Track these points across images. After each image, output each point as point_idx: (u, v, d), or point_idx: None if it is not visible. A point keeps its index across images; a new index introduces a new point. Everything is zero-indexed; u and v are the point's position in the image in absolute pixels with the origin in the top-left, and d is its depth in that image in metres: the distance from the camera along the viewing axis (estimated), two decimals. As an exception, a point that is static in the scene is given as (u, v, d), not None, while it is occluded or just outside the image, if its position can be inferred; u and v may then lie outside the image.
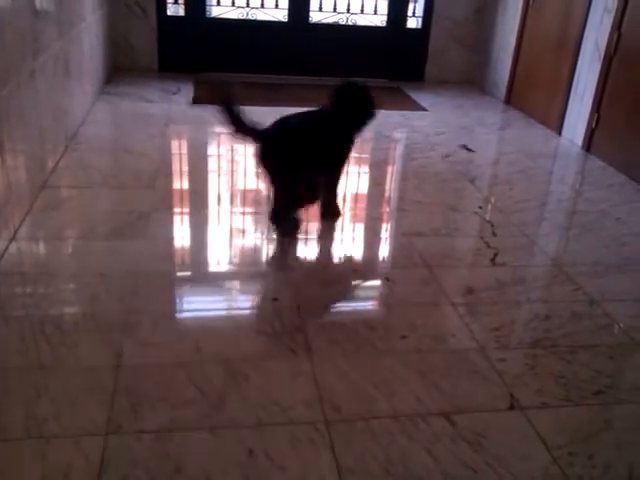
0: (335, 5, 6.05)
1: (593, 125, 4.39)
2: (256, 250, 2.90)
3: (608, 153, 4.24)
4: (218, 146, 4.28)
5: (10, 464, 1.58)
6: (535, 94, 5.26)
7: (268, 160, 2.84)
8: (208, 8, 5.92)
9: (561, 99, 4.80)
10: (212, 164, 3.95)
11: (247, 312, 2.39)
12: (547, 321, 2.36)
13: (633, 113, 4.00)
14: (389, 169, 4.16)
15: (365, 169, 4.09)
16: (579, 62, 4.62)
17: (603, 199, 3.62)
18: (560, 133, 4.82)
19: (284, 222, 2.94)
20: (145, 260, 2.59)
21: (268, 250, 2.89)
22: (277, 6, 5.96)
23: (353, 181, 3.90)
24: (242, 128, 2.81)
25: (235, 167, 3.87)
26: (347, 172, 4.01)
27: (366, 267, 2.82)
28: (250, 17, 5.95)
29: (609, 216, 3.38)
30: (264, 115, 4.79)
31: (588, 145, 4.44)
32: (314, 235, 3.05)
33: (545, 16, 5.14)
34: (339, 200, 3.23)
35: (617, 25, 4.16)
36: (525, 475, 1.65)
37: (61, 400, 1.79)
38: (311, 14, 6.03)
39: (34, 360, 1.95)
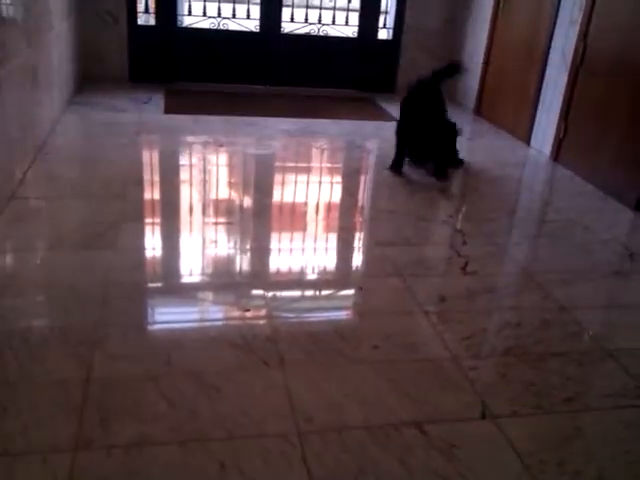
0: (307, 16, 6.08)
1: (561, 135, 4.47)
2: (228, 261, 2.88)
3: (575, 163, 4.31)
4: (190, 156, 4.26)
5: (-26, 483, 1.54)
6: (504, 104, 5.34)
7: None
8: (179, 18, 5.90)
9: (529, 109, 4.88)
10: (184, 174, 3.93)
11: (219, 324, 2.37)
12: (518, 329, 2.39)
13: (599, 123, 4.08)
14: (361, 179, 4.18)
15: (338, 179, 4.10)
16: (547, 73, 4.71)
17: (571, 208, 3.68)
18: (529, 143, 4.89)
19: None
20: (115, 271, 2.56)
21: (240, 261, 2.87)
22: (249, 16, 5.97)
23: (326, 191, 3.91)
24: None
25: (207, 177, 3.85)
26: (320, 182, 4.03)
27: (339, 276, 2.82)
28: (222, 27, 5.95)
29: (577, 225, 3.44)
30: (234, 124, 4.82)
31: (556, 155, 4.52)
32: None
33: (514, 26, 5.23)
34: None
35: (583, 36, 4.25)
36: (497, 483, 1.66)
37: (28, 415, 1.75)
38: (283, 24, 6.04)
39: (0, 374, 1.91)
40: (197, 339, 2.19)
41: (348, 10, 6.14)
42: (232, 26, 5.97)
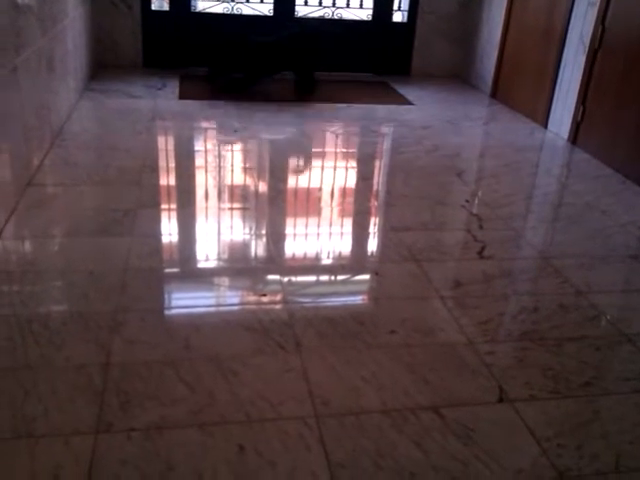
0: (321, -1, 6.04)
1: (578, 118, 4.42)
2: (244, 246, 2.89)
3: (593, 146, 4.26)
4: (204, 141, 4.26)
5: (-1, 464, 1.57)
6: (521, 87, 5.28)
7: None
8: (193, 2, 5.88)
9: (546, 92, 4.82)
10: (199, 160, 3.94)
11: (236, 308, 2.38)
12: (534, 314, 2.38)
13: (617, 106, 4.03)
14: (376, 163, 4.17)
15: (352, 163, 4.09)
16: (564, 55, 4.65)
17: (589, 191, 3.64)
18: (546, 126, 4.84)
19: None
20: (133, 257, 2.58)
21: (256, 246, 2.88)
22: (262, 0, 5.93)
23: (341, 176, 3.91)
24: None
25: (222, 162, 3.85)
26: (335, 167, 4.02)
27: (354, 261, 2.82)
28: (235, 11, 5.92)
29: (595, 208, 3.41)
30: (252, 109, 4.81)
31: (574, 138, 4.47)
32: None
33: (530, 9, 5.16)
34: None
35: (601, 19, 4.18)
36: (514, 467, 1.66)
37: (50, 399, 1.78)
38: (297, 8, 6.00)
39: (22, 359, 1.94)
40: (214, 324, 2.20)
41: (362, -7, 6.09)
42: (246, 10, 5.94)
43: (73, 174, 3.40)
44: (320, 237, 3.04)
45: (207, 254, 2.80)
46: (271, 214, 3.19)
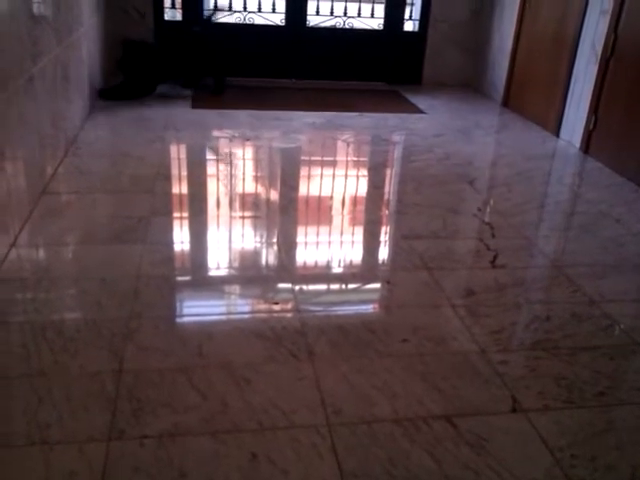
0: (332, 9, 6.06)
1: (591, 127, 4.40)
2: (256, 254, 2.90)
3: (606, 154, 4.25)
4: (217, 150, 4.29)
5: (13, 470, 1.58)
6: (532, 96, 5.27)
7: None
8: (205, 13, 5.92)
9: (558, 101, 4.81)
10: (211, 168, 3.96)
11: (248, 316, 2.39)
12: (547, 323, 2.37)
13: (630, 114, 4.02)
14: (387, 172, 4.17)
15: (364, 172, 4.10)
16: (576, 64, 4.64)
17: (601, 200, 3.63)
18: (558, 135, 4.83)
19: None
20: (145, 265, 2.59)
21: (268, 254, 2.89)
22: (274, 10, 5.97)
23: (352, 184, 3.91)
24: None
25: (234, 171, 3.87)
26: (346, 175, 4.03)
27: (366, 270, 2.82)
28: (247, 21, 5.96)
29: (608, 217, 3.39)
30: (261, 119, 4.83)
31: (586, 147, 4.46)
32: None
33: (542, 18, 5.16)
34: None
35: (613, 27, 4.17)
36: (527, 477, 1.65)
37: (63, 406, 1.79)
38: (308, 18, 6.04)
39: (36, 366, 1.95)
40: (227, 331, 2.21)
41: (374, 2, 6.11)
42: (258, 20, 5.98)
43: (87, 182, 3.43)
44: (331, 245, 3.04)
45: (219, 262, 2.81)
46: (282, 222, 3.20)
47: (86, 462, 1.60)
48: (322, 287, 2.65)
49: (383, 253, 3.02)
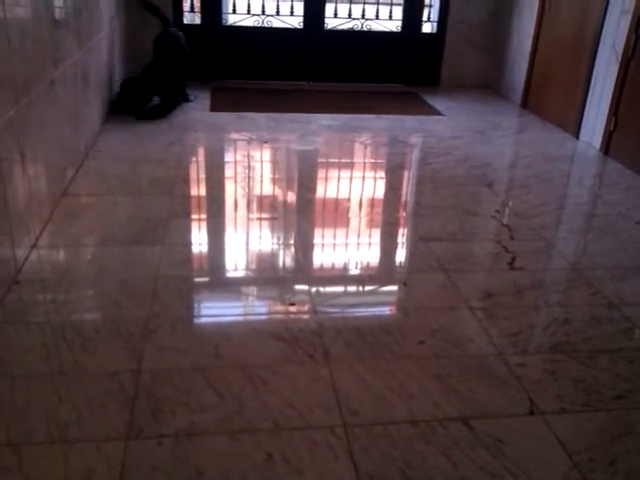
0: (350, 11, 6.07)
1: (611, 128, 4.36)
2: (273, 256, 2.91)
3: (626, 156, 4.20)
4: (235, 153, 4.31)
5: (33, 468, 1.60)
6: (552, 97, 5.23)
7: None
8: (224, 16, 5.96)
9: (578, 102, 4.77)
10: (229, 171, 3.98)
11: (265, 317, 2.40)
12: (566, 325, 2.35)
13: (651, 115, 3.97)
14: (405, 174, 4.16)
15: (381, 174, 4.10)
16: (596, 65, 4.60)
17: (622, 202, 3.59)
18: (577, 136, 4.79)
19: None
20: (164, 266, 2.61)
21: (285, 256, 2.90)
22: (292, 13, 5.99)
23: (369, 186, 3.91)
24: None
25: (252, 173, 3.89)
26: (364, 177, 4.03)
27: (383, 272, 2.82)
28: (266, 24, 5.99)
29: (628, 219, 3.35)
30: (278, 121, 4.85)
31: (606, 148, 4.41)
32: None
33: (561, 19, 5.12)
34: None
35: (634, 27, 4.13)
36: (545, 480, 1.64)
37: (83, 405, 1.81)
38: (326, 20, 6.05)
39: (56, 365, 1.98)
40: (244, 332, 2.22)
41: (392, 4, 6.11)
42: (276, 23, 6.00)
43: (106, 184, 3.47)
44: (348, 247, 3.05)
45: (236, 263, 2.83)
46: (300, 224, 3.21)
47: (105, 460, 1.62)
48: (339, 289, 2.65)
49: (400, 255, 3.02)
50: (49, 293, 2.42)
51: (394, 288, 2.70)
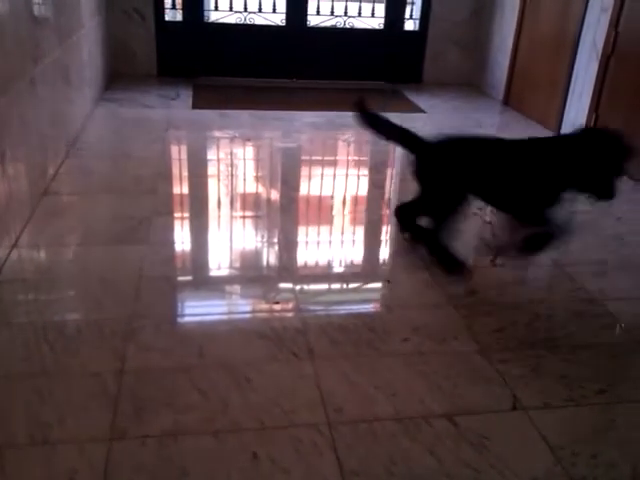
0: (332, 9, 6.06)
1: (592, 124, 4.40)
2: (256, 254, 2.90)
3: (607, 152, 4.23)
4: (218, 150, 4.29)
5: (15, 470, 1.58)
6: (533, 95, 5.27)
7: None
8: (206, 13, 5.93)
9: (559, 99, 4.81)
10: (212, 168, 3.96)
11: (248, 316, 2.39)
12: (548, 321, 2.37)
13: (631, 112, 4.01)
14: (388, 171, 4.17)
15: (364, 172, 4.10)
16: (577, 62, 4.63)
17: (603, 198, 3.61)
18: (559, 133, 4.82)
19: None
20: (147, 265, 2.60)
21: (268, 254, 2.89)
22: (275, 10, 5.97)
23: (353, 184, 3.91)
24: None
25: (235, 171, 3.88)
26: (347, 175, 4.02)
27: (367, 269, 2.82)
28: (248, 21, 5.96)
29: (609, 215, 3.39)
30: (262, 119, 4.83)
31: (587, 145, 4.44)
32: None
33: (542, 16, 5.15)
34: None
35: (614, 24, 4.17)
36: (528, 475, 1.65)
37: (65, 406, 1.79)
38: (309, 18, 6.04)
39: (37, 366, 1.96)
40: (228, 331, 2.21)
41: (374, 1, 6.11)
42: (258, 20, 5.98)
43: (88, 183, 3.44)
44: (332, 245, 3.04)
45: (220, 262, 2.82)
46: (283, 222, 3.20)
47: (87, 461, 1.61)
48: (323, 286, 2.65)
49: (384, 252, 3.02)
50: (30, 293, 2.40)
51: (378, 285, 2.71)
